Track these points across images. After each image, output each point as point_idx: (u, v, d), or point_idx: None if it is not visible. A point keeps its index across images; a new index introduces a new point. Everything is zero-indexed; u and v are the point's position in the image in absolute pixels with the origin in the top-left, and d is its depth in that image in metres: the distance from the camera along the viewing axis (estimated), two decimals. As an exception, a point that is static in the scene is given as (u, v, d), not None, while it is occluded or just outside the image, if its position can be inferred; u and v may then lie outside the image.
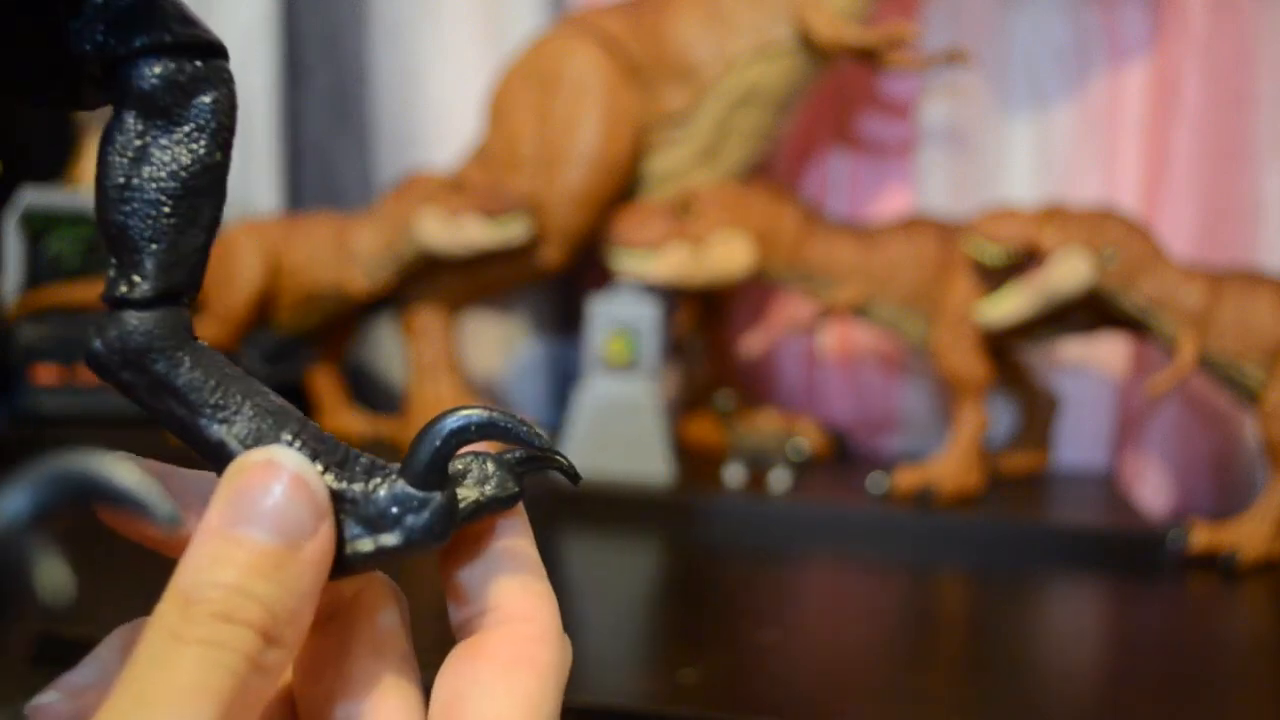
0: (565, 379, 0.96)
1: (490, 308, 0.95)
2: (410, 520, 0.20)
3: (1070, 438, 0.87)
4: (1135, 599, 0.63)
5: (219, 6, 0.95)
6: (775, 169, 0.91)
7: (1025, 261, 0.70)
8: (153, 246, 0.21)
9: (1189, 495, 0.83)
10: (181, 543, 0.19)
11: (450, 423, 0.21)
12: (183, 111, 0.21)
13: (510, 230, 0.75)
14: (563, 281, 0.93)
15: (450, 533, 0.21)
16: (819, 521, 0.70)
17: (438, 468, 0.21)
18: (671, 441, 0.78)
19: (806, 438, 0.78)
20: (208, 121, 0.21)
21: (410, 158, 0.95)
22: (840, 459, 0.86)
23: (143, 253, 0.21)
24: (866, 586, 0.64)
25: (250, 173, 0.96)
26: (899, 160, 0.91)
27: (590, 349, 0.77)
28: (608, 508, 0.71)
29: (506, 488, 0.22)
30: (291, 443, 0.21)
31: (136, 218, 0.21)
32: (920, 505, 0.71)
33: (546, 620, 0.22)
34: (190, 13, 0.21)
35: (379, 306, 0.87)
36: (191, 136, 0.21)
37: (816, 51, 0.76)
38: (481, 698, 0.20)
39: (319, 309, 0.82)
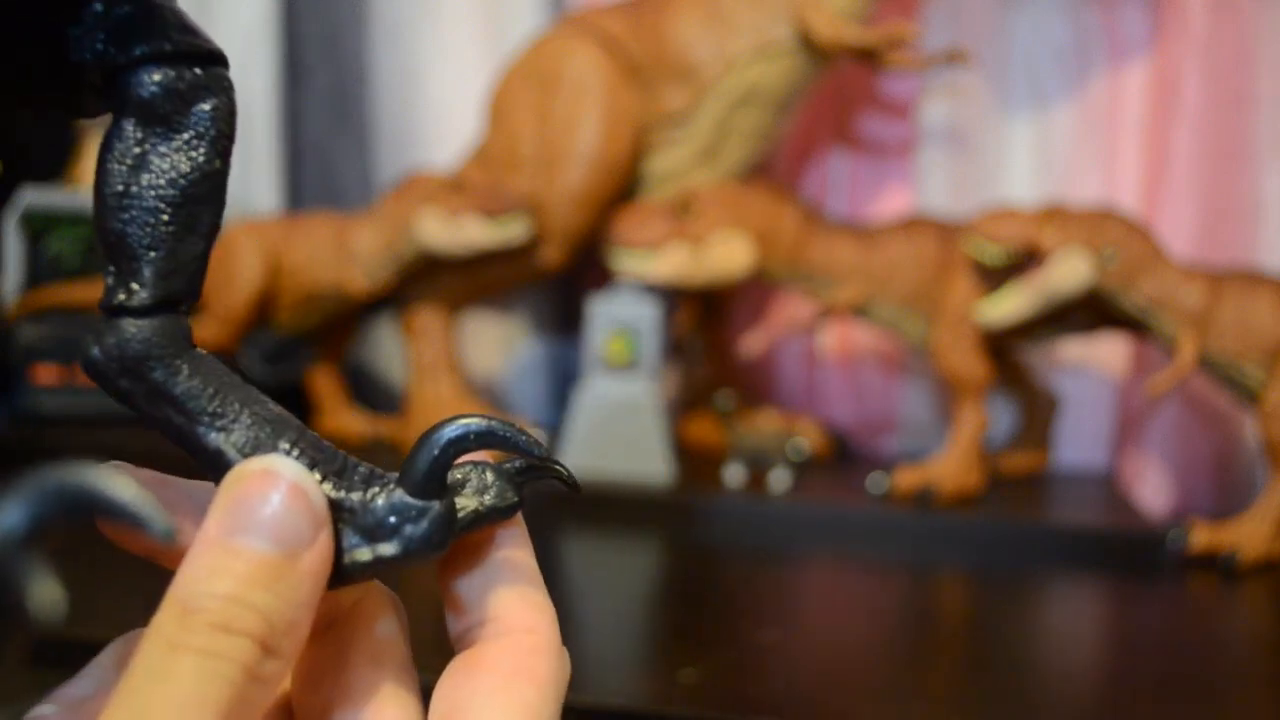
0: (565, 379, 0.96)
1: (490, 308, 0.95)
2: (408, 530, 0.20)
3: (1070, 438, 0.87)
4: (1135, 599, 0.63)
5: (219, 7, 0.95)
6: (775, 169, 0.91)
7: (1025, 261, 0.70)
8: (151, 254, 0.21)
9: (1189, 495, 0.83)
10: (179, 554, 0.19)
11: (448, 432, 0.21)
12: (182, 119, 0.21)
13: (510, 230, 0.75)
14: (563, 281, 0.93)
15: (448, 542, 0.21)
16: (819, 521, 0.70)
17: (436, 477, 0.21)
18: (671, 441, 0.78)
19: (806, 438, 0.78)
20: (207, 129, 0.21)
21: (410, 158, 0.95)
22: (840, 459, 0.86)
23: (141, 260, 0.21)
24: (866, 586, 0.64)
25: (250, 173, 0.96)
26: (899, 160, 0.91)
27: (590, 349, 0.77)
28: (608, 508, 0.71)
29: (506, 497, 0.22)
30: (289, 451, 0.20)
31: (135, 225, 0.21)
32: (920, 505, 0.71)
33: (545, 632, 0.22)
34: (190, 21, 0.21)
35: (379, 306, 0.87)
36: (190, 144, 0.21)
37: (816, 51, 0.76)
38: (481, 710, 0.20)
39: (319, 309, 0.82)
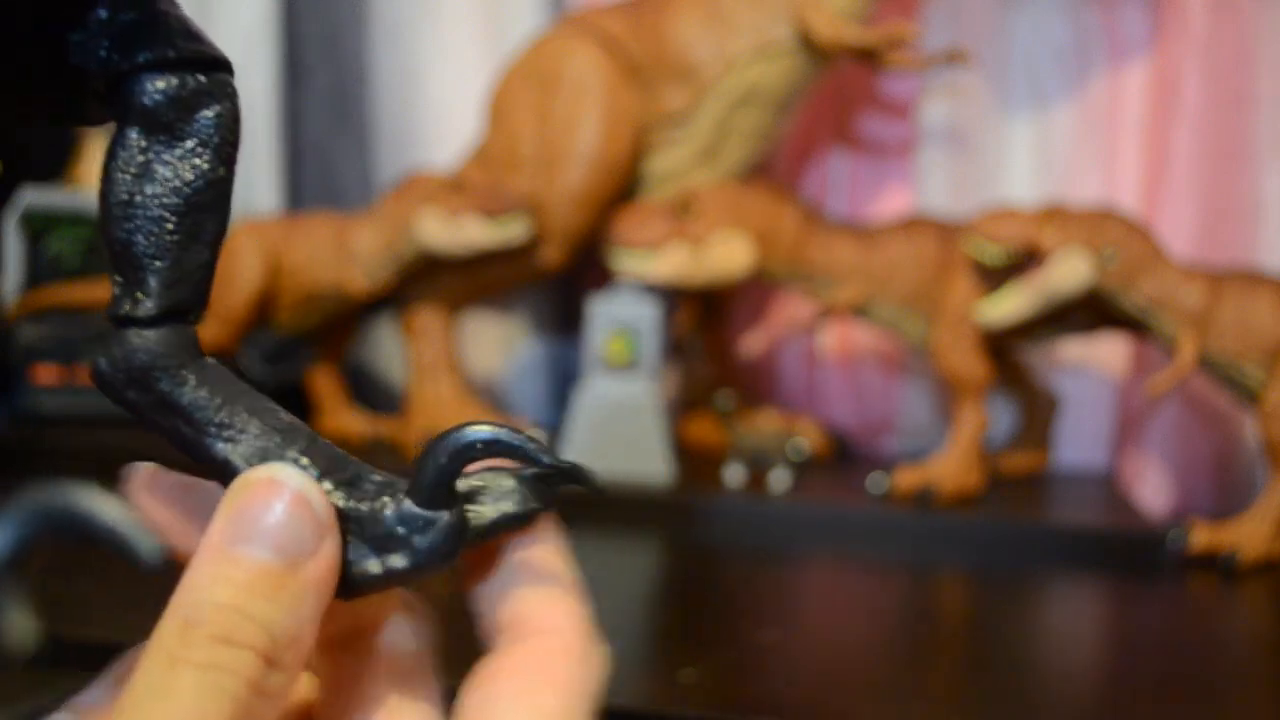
0: (565, 379, 0.96)
1: (490, 308, 0.95)
2: (417, 541, 0.20)
3: (1070, 438, 0.87)
4: (1135, 599, 0.63)
5: (219, 8, 0.95)
6: (775, 169, 0.91)
7: (1025, 261, 0.70)
8: (157, 264, 0.21)
9: (1189, 495, 0.83)
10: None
11: (455, 440, 0.20)
12: (186, 127, 0.21)
13: (510, 230, 0.75)
14: (563, 281, 0.93)
15: (458, 553, 0.20)
16: (819, 521, 0.70)
17: (443, 486, 0.20)
18: (671, 441, 0.78)
19: (806, 438, 0.78)
20: (210, 136, 0.21)
21: (410, 158, 0.95)
22: (840, 459, 0.86)
23: (147, 270, 0.21)
24: (866, 586, 0.64)
25: (250, 173, 0.96)
26: (899, 160, 0.91)
27: (590, 349, 0.77)
28: (608, 508, 0.71)
29: (527, 504, 0.21)
30: (298, 460, 0.20)
31: (140, 235, 0.21)
32: (920, 505, 0.71)
33: (570, 634, 0.21)
34: (194, 27, 0.21)
35: (379, 306, 0.87)
36: (194, 152, 0.21)
37: (816, 51, 0.76)
38: (501, 718, 0.20)
39: (319, 309, 0.82)
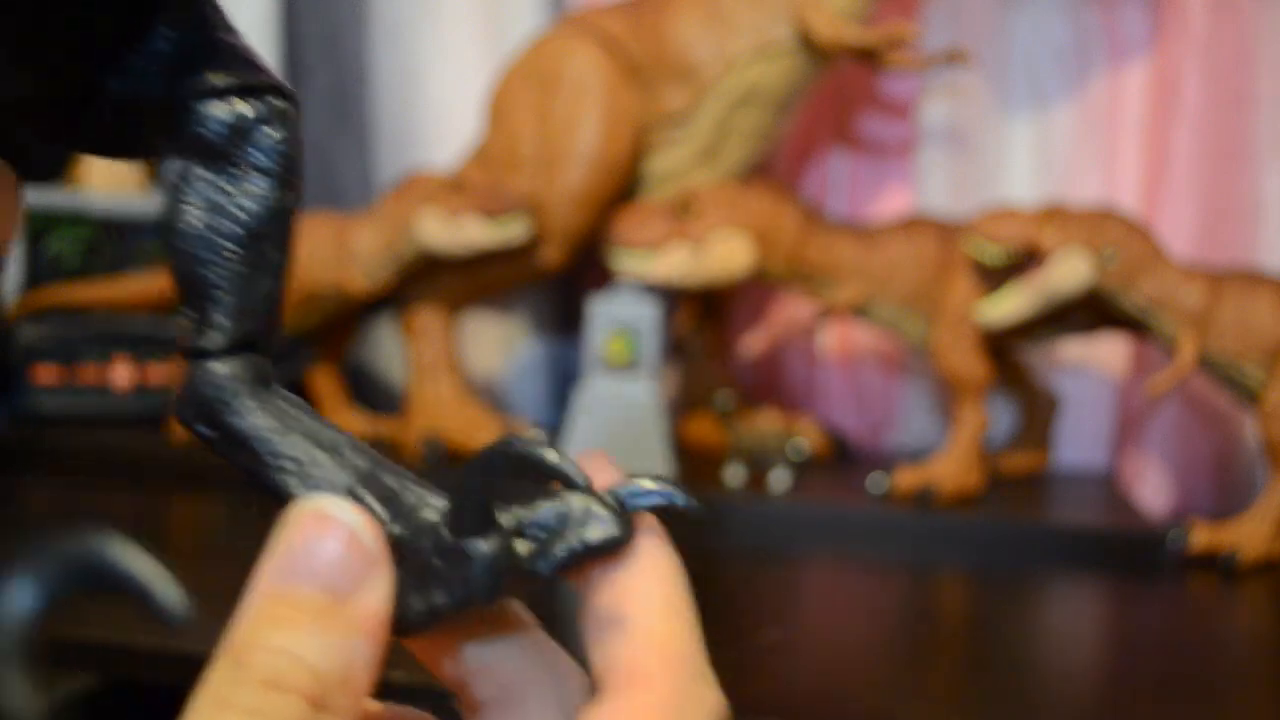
0: (565, 379, 0.96)
1: (490, 308, 0.95)
2: (457, 576, 0.19)
3: (1070, 438, 0.87)
4: (1135, 599, 0.63)
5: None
6: (775, 169, 0.91)
7: (1025, 261, 0.70)
8: (224, 296, 0.21)
9: (1189, 495, 0.83)
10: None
11: (482, 460, 0.19)
12: (246, 155, 0.21)
13: (510, 230, 0.75)
14: (563, 281, 0.93)
15: (498, 589, 0.19)
16: (819, 521, 0.70)
17: (476, 512, 0.19)
18: (671, 441, 0.78)
19: (806, 438, 0.78)
20: (271, 165, 0.21)
21: (410, 158, 0.95)
22: (840, 459, 0.86)
23: (215, 302, 0.21)
24: (866, 586, 0.64)
25: (250, 173, 0.96)
26: (899, 160, 0.91)
27: (590, 349, 0.77)
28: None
29: (607, 530, 0.19)
30: (351, 489, 0.20)
31: (206, 267, 0.21)
32: (920, 505, 0.71)
33: (665, 684, 0.18)
34: (253, 55, 0.21)
35: (379, 306, 0.87)
36: (256, 181, 0.21)
37: (816, 51, 0.76)
38: None
39: (319, 309, 0.82)
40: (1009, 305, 0.69)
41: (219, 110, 0.20)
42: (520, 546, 0.19)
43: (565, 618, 0.22)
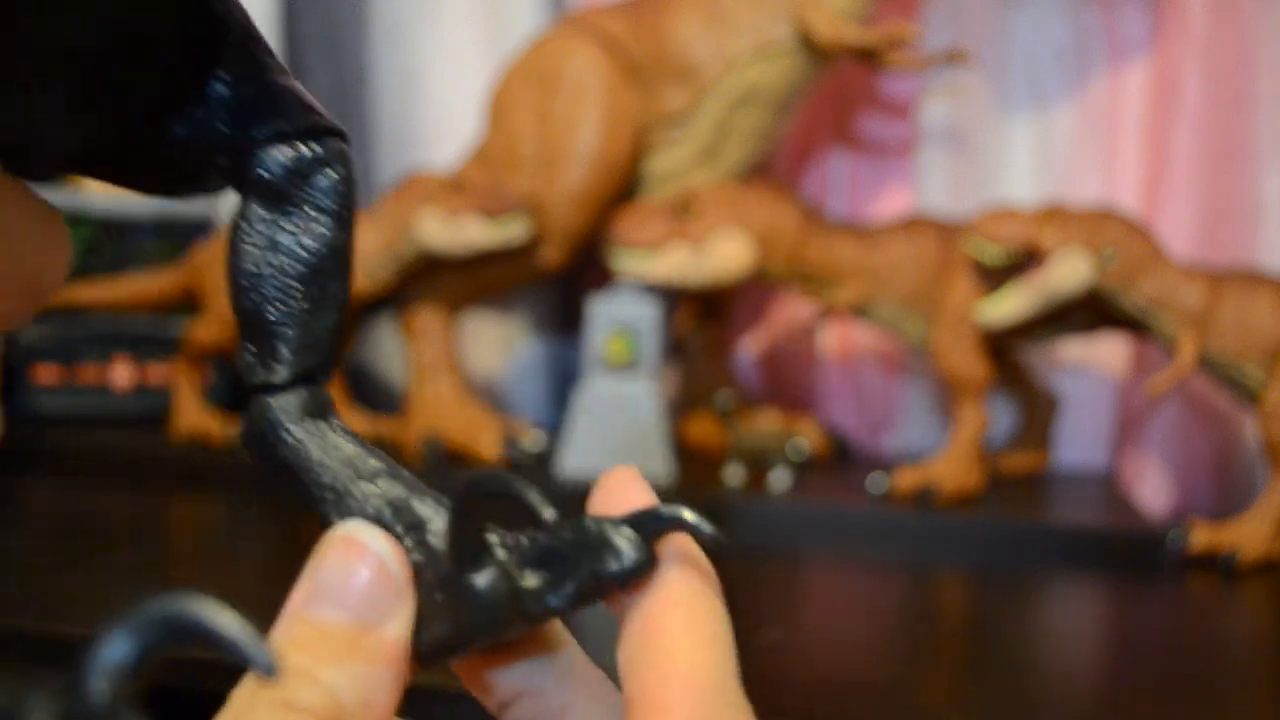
0: (565, 379, 0.96)
1: (490, 308, 0.95)
2: (456, 607, 0.19)
3: (1070, 438, 0.87)
4: (1135, 599, 0.63)
5: (219, 6, 0.95)
6: (775, 169, 0.91)
7: (1025, 261, 0.70)
8: (286, 332, 0.21)
9: (1189, 495, 0.83)
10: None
11: (464, 495, 0.19)
12: (305, 196, 0.21)
13: (510, 230, 0.75)
14: (563, 281, 0.93)
15: (496, 625, 0.19)
16: (819, 521, 0.70)
17: (460, 547, 0.19)
18: (671, 441, 0.78)
19: (806, 438, 0.78)
20: (329, 204, 0.21)
21: (410, 158, 0.95)
22: (840, 459, 0.86)
23: (277, 339, 0.21)
24: (866, 586, 0.64)
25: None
26: (899, 160, 0.91)
27: (590, 349, 0.77)
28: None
29: (622, 560, 0.19)
30: (380, 518, 0.20)
31: (268, 304, 0.21)
32: (920, 505, 0.71)
33: (686, 712, 0.18)
34: (309, 99, 0.21)
35: (379, 306, 0.87)
36: (315, 220, 0.21)
37: (816, 51, 0.76)
38: None
39: (319, 309, 0.82)
40: (1009, 305, 0.69)
41: (280, 153, 0.21)
42: (530, 580, 0.19)
43: (606, 639, 0.22)
